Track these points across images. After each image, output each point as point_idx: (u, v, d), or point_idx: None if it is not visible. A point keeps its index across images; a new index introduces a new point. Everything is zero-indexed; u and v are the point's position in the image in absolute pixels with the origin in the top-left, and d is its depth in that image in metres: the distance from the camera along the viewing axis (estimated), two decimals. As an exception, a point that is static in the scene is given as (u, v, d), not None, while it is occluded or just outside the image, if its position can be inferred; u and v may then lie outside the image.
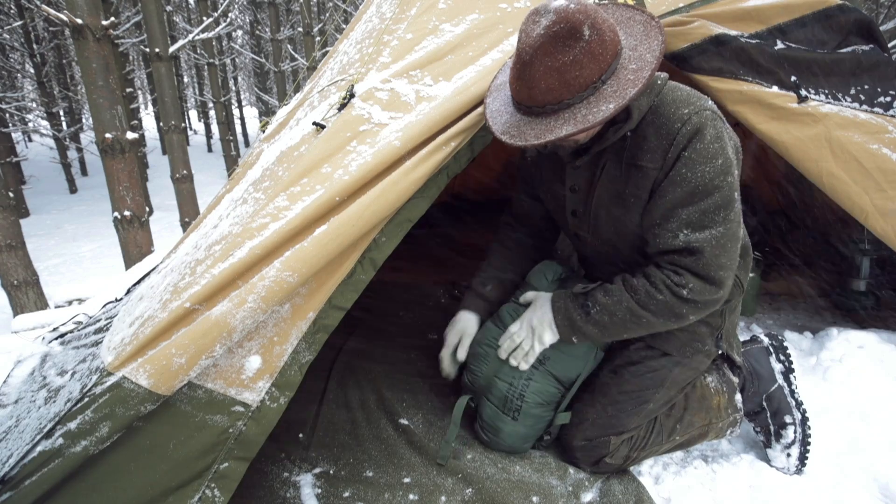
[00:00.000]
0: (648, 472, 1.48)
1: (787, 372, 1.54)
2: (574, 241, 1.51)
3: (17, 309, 4.10)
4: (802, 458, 1.44)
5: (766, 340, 1.61)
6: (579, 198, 1.38)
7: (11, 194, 4.02)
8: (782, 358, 1.56)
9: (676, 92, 1.21)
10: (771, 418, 1.50)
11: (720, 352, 1.44)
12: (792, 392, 1.51)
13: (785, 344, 1.59)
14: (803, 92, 1.61)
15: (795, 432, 1.46)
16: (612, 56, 1.08)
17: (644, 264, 1.31)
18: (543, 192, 1.51)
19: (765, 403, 1.52)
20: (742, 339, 1.63)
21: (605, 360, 1.47)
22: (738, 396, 1.52)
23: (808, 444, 1.45)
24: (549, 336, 1.36)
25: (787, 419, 1.47)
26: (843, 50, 1.71)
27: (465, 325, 1.57)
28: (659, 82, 1.21)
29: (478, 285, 1.62)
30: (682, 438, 1.47)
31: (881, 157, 1.62)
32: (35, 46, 11.09)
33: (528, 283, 1.55)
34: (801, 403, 1.50)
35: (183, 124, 6.42)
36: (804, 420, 1.47)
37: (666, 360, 1.40)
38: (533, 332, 1.39)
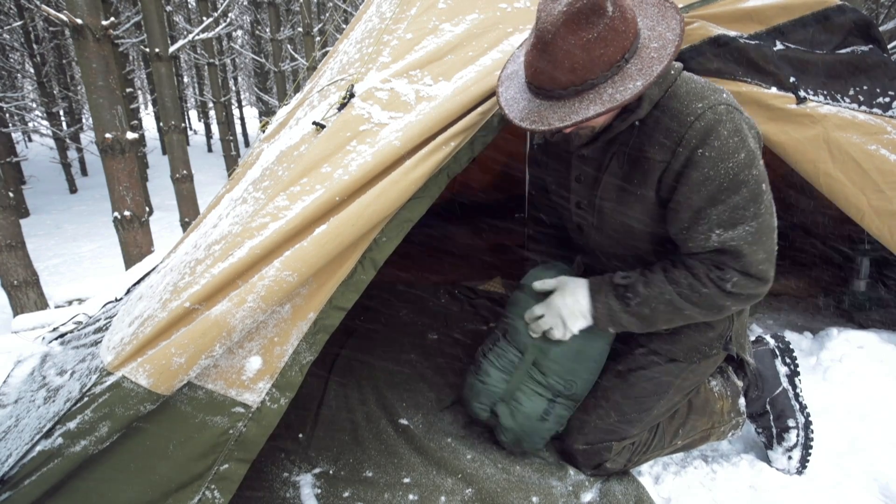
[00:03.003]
0: (648, 472, 1.48)
1: (793, 375, 1.53)
2: (576, 233, 1.48)
3: (17, 309, 4.10)
4: (803, 461, 1.44)
5: (771, 342, 1.59)
6: (584, 189, 1.34)
7: (11, 194, 4.02)
8: (788, 361, 1.55)
9: (690, 84, 1.17)
10: (774, 421, 1.49)
11: (729, 354, 1.42)
12: (796, 395, 1.50)
13: (791, 346, 1.57)
14: (802, 93, 1.61)
15: (798, 436, 1.45)
16: (634, 34, 1.05)
17: (648, 258, 1.30)
18: (550, 182, 1.48)
19: (769, 406, 1.51)
20: None
21: (611, 365, 1.44)
22: (742, 400, 1.51)
23: (811, 447, 1.44)
24: (581, 323, 1.33)
25: (791, 422, 1.47)
26: (843, 51, 1.71)
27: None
28: (672, 72, 1.17)
29: (531, 249, 1.58)
30: (684, 442, 1.46)
31: (879, 158, 1.62)
32: (35, 46, 11.10)
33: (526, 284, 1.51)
34: (806, 407, 1.49)
35: (183, 124, 6.42)
36: (807, 424, 1.46)
37: (672, 367, 1.37)
38: (563, 322, 1.34)
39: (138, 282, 2.05)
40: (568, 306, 1.33)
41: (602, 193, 1.31)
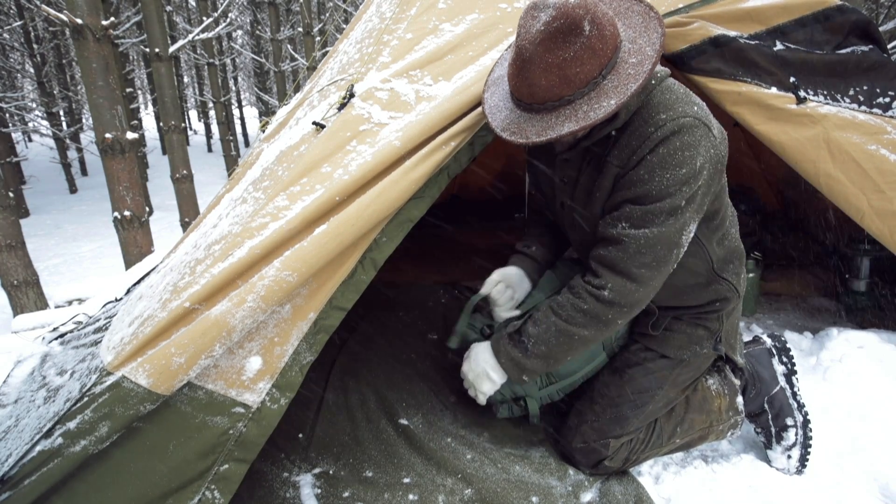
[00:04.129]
0: (648, 472, 1.48)
1: (790, 374, 1.54)
2: (565, 231, 1.51)
3: (17, 309, 4.10)
4: (803, 461, 1.44)
5: (768, 342, 1.60)
6: (567, 190, 1.37)
7: (11, 194, 4.02)
8: (785, 360, 1.56)
9: (665, 94, 1.18)
10: (772, 420, 1.50)
11: (719, 354, 1.43)
12: (794, 394, 1.51)
13: (788, 345, 1.59)
14: (802, 93, 1.61)
15: (797, 435, 1.45)
16: (612, 50, 1.07)
17: None
18: (541, 183, 1.51)
19: (766, 405, 1.52)
20: (744, 339, 1.63)
21: (605, 363, 1.47)
22: (740, 399, 1.52)
23: (809, 446, 1.44)
24: (489, 385, 1.37)
25: (789, 421, 1.47)
26: (843, 51, 1.71)
27: (504, 271, 1.52)
28: (653, 82, 1.18)
29: (521, 247, 1.59)
30: (682, 441, 1.46)
31: (879, 158, 1.62)
32: (35, 46, 11.10)
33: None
34: (803, 406, 1.49)
35: (183, 124, 6.42)
36: (806, 423, 1.46)
37: (665, 362, 1.39)
38: (475, 386, 1.39)
39: (138, 282, 2.05)
40: (474, 371, 1.38)
41: (576, 195, 1.33)
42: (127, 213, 4.07)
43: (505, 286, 1.49)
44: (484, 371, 1.36)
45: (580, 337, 1.24)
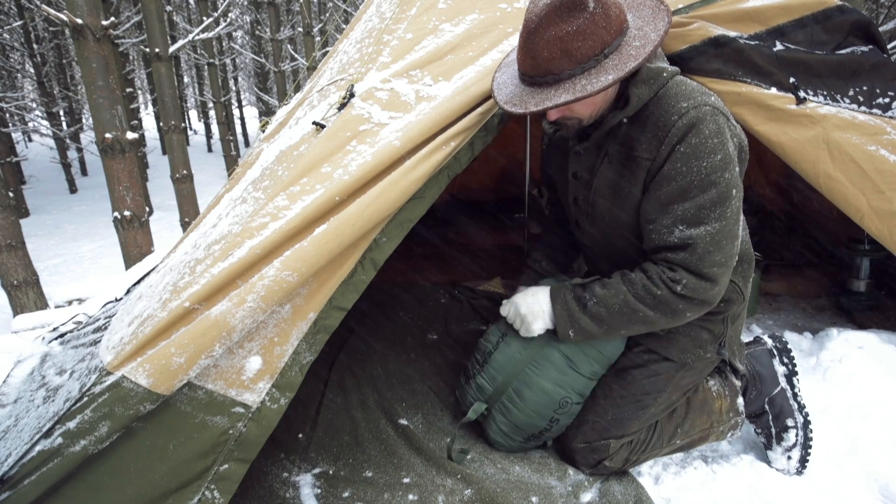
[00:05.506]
0: (648, 472, 1.48)
1: (791, 375, 1.53)
2: (576, 230, 1.51)
3: (17, 309, 4.10)
4: (803, 461, 1.44)
5: (769, 342, 1.60)
6: (581, 185, 1.38)
7: (11, 194, 4.02)
8: (786, 360, 1.56)
9: (681, 86, 1.21)
10: (773, 421, 1.50)
11: (723, 358, 1.43)
12: (795, 395, 1.51)
13: (788, 346, 1.58)
14: (802, 93, 1.61)
15: (797, 435, 1.45)
16: (617, 32, 1.09)
17: (637, 258, 1.31)
18: (555, 179, 1.53)
19: (767, 406, 1.52)
20: (745, 340, 1.63)
21: None
22: (741, 400, 1.51)
23: (810, 447, 1.44)
24: (540, 324, 1.35)
25: (790, 422, 1.47)
26: (842, 51, 1.71)
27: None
28: (665, 75, 1.20)
29: (532, 263, 1.63)
30: (683, 442, 1.46)
31: (879, 159, 1.62)
32: (35, 46, 11.10)
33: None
34: (804, 406, 1.49)
35: (183, 124, 6.42)
36: (806, 423, 1.46)
37: (668, 365, 1.39)
38: (522, 320, 1.37)
39: (138, 282, 2.05)
40: (528, 304, 1.37)
41: (595, 190, 1.34)
42: (127, 213, 4.07)
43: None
44: (541, 309, 1.34)
45: (644, 315, 1.24)
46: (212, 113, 18.40)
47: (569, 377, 1.39)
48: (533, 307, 1.36)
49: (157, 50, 5.46)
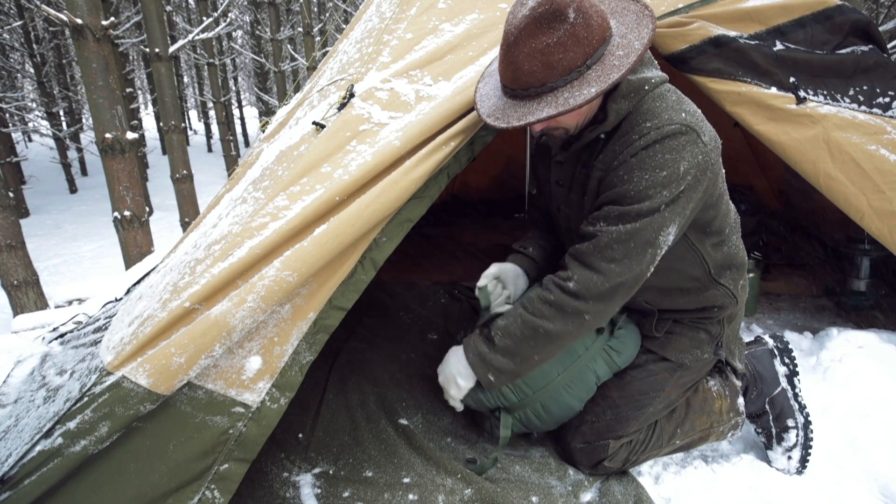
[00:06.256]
0: (648, 472, 1.48)
1: (792, 375, 1.53)
2: (562, 236, 1.51)
3: (17, 309, 4.10)
4: (803, 461, 1.44)
5: (770, 342, 1.60)
6: (561, 194, 1.38)
7: (11, 194, 4.01)
8: (787, 361, 1.55)
9: (655, 102, 1.17)
10: (773, 421, 1.50)
11: (719, 358, 1.43)
12: (795, 395, 1.51)
13: (789, 346, 1.58)
14: (802, 93, 1.61)
15: (797, 436, 1.45)
16: (599, 42, 1.06)
17: None
18: (542, 185, 1.52)
19: (768, 406, 1.51)
20: (746, 340, 1.63)
21: None
22: (741, 400, 1.51)
23: (810, 447, 1.44)
24: (463, 382, 1.35)
25: (790, 422, 1.47)
26: (842, 51, 1.71)
27: (501, 265, 1.49)
28: (646, 88, 1.17)
29: (518, 247, 1.57)
30: (683, 442, 1.46)
31: (879, 158, 1.62)
32: (35, 46, 11.09)
33: None
34: (805, 407, 1.49)
35: (183, 124, 6.42)
36: (807, 424, 1.46)
37: (666, 365, 1.39)
38: (446, 387, 1.39)
39: (138, 282, 2.05)
40: (444, 375, 1.39)
41: (570, 199, 1.34)
42: (127, 213, 4.07)
43: (497, 282, 1.48)
44: (454, 373, 1.35)
45: (545, 331, 1.22)
46: (212, 113, 18.41)
47: (591, 391, 1.43)
48: (448, 374, 1.37)
49: (157, 50, 5.46)
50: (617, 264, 1.17)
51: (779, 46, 1.63)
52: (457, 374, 1.34)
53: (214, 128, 18.28)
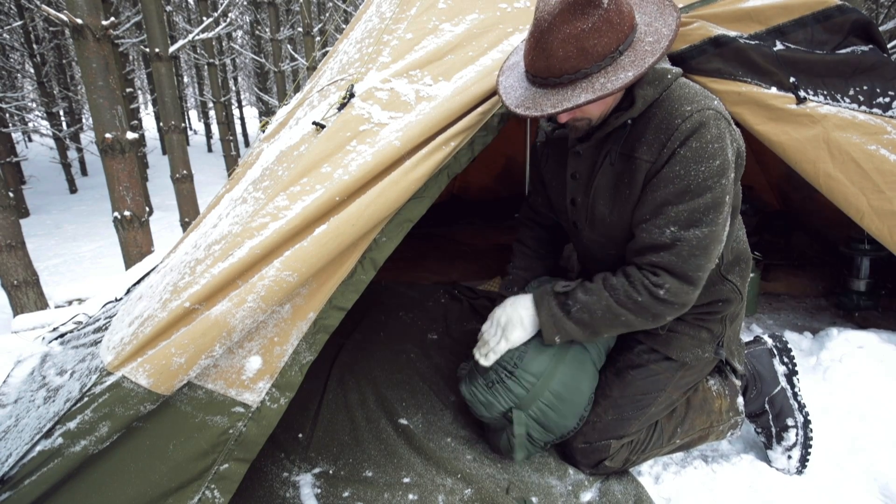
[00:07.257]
0: (648, 471, 1.48)
1: (791, 374, 1.53)
2: (572, 231, 1.50)
3: (17, 309, 4.10)
4: (803, 461, 1.44)
5: (769, 342, 1.60)
6: (579, 186, 1.37)
7: (11, 194, 4.01)
8: (786, 360, 1.56)
9: (685, 89, 1.20)
10: (773, 420, 1.50)
11: (720, 358, 1.43)
12: (795, 395, 1.51)
13: (789, 346, 1.58)
14: (802, 93, 1.61)
15: (797, 435, 1.45)
16: (629, 29, 1.08)
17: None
18: (549, 179, 1.50)
19: (767, 405, 1.52)
20: (745, 339, 1.63)
21: (608, 363, 1.46)
22: (741, 399, 1.51)
23: (810, 446, 1.44)
24: (519, 333, 1.34)
25: (790, 422, 1.47)
26: (843, 51, 1.71)
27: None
28: (669, 77, 1.20)
29: (504, 289, 1.59)
30: (683, 441, 1.46)
31: (879, 158, 1.62)
32: (35, 46, 11.09)
33: None
34: (804, 406, 1.49)
35: (183, 124, 6.42)
36: (806, 423, 1.46)
37: (668, 364, 1.39)
38: (501, 330, 1.36)
39: (138, 282, 2.05)
40: (507, 314, 1.37)
41: (594, 191, 1.33)
42: (127, 213, 4.08)
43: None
44: (520, 317, 1.34)
45: (626, 319, 1.25)
46: (212, 113, 18.43)
47: (589, 372, 1.42)
48: (512, 316, 1.36)
49: (157, 50, 5.46)
50: (703, 271, 1.21)
51: (779, 46, 1.63)
52: (518, 324, 1.34)
53: (214, 128, 18.31)
